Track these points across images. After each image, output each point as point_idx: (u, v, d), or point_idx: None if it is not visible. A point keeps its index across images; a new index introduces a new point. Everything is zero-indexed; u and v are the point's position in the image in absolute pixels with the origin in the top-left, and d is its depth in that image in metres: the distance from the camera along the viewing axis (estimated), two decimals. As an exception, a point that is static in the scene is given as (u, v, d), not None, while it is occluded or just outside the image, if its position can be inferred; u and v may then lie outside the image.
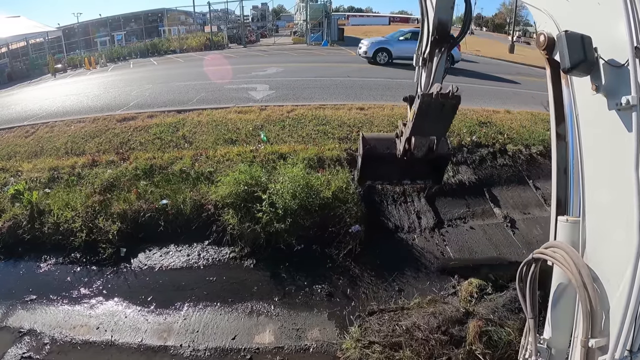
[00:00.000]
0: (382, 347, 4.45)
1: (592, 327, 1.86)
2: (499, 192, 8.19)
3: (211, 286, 5.75)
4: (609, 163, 1.87)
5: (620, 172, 1.77)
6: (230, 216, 6.38)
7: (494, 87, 15.02)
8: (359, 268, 6.08)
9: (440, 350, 4.46)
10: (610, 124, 1.80)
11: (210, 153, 8.24)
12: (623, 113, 1.75)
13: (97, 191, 7.47)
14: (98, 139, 9.67)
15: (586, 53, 1.82)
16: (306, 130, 9.37)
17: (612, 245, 1.85)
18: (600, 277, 1.89)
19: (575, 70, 1.88)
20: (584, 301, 1.88)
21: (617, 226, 1.81)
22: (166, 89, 14.28)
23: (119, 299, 5.60)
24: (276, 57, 24.29)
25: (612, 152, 1.84)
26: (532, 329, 2.33)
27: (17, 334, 5.20)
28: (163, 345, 4.79)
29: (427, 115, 3.87)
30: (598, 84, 1.86)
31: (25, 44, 30.36)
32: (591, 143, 1.97)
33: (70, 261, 6.50)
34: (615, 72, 1.79)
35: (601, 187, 1.93)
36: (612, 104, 1.79)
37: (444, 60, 4.14)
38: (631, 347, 1.74)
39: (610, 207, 1.88)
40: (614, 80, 1.80)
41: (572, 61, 1.83)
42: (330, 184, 6.97)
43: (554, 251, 2.13)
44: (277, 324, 5.11)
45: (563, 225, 2.22)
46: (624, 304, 1.72)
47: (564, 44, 1.85)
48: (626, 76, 1.74)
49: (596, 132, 1.93)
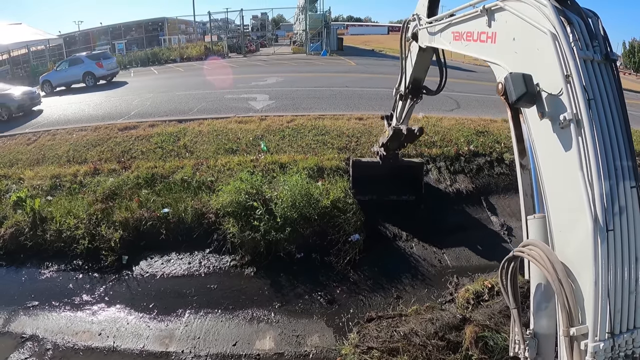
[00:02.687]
0: (380, 353, 4.55)
1: (571, 317, 2.03)
2: (496, 201, 8.29)
3: (212, 294, 5.85)
4: (561, 170, 2.21)
5: (570, 177, 2.12)
6: (231, 225, 6.50)
7: (491, 96, 15.19)
8: (357, 275, 6.19)
9: (438, 355, 4.55)
10: (557, 140, 2.21)
11: (211, 162, 8.37)
12: (565, 129, 2.16)
13: (99, 199, 7.58)
14: (100, 147, 9.79)
15: (527, 87, 2.26)
16: (306, 140, 9.50)
17: (575, 241, 2.11)
18: (572, 270, 2.12)
19: (521, 102, 2.32)
20: (560, 294, 2.07)
21: (576, 223, 2.09)
22: (167, 98, 14.44)
23: (121, 305, 5.70)
24: (276, 67, 24.51)
25: (562, 160, 2.20)
26: (517, 318, 2.53)
27: (19, 340, 5.29)
28: (165, 352, 4.88)
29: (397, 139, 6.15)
30: (542, 111, 2.29)
31: (27, 51, 30.52)
32: (546, 158, 2.36)
33: (72, 268, 6.60)
34: (554, 100, 2.21)
35: (558, 192, 2.27)
36: (556, 125, 2.21)
37: (413, 108, 5.81)
38: (612, 330, 1.94)
39: (568, 207, 2.18)
40: (554, 106, 2.21)
41: (517, 94, 2.28)
42: (329, 193, 7.08)
43: (530, 249, 2.35)
44: (277, 330, 5.20)
45: (532, 222, 2.64)
46: (594, 290, 1.95)
47: (510, 82, 2.32)
48: (562, 102, 2.16)
49: (549, 149, 2.31)
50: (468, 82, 16.96)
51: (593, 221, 1.97)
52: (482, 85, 16.96)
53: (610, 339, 1.94)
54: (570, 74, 2.12)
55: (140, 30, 41.32)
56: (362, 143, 9.49)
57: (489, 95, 14.96)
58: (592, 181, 2.02)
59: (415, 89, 5.25)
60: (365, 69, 23.44)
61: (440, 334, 4.85)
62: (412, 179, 7.79)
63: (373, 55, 33.55)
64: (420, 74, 5.11)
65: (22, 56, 30.96)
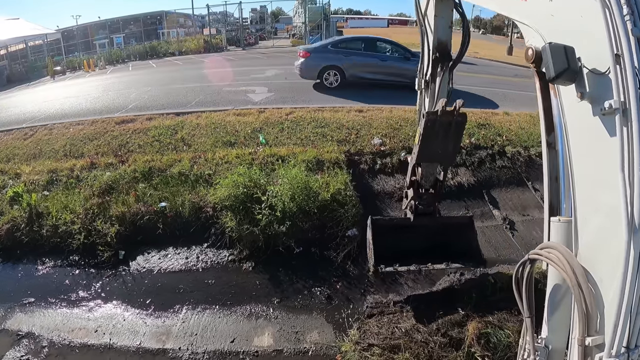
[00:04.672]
0: (381, 350, 4.44)
1: (588, 326, 1.89)
2: (498, 194, 8.22)
3: (210, 289, 5.74)
4: (596, 166, 1.94)
5: (607, 174, 1.84)
6: (229, 218, 6.38)
7: (492, 89, 15.05)
8: (357, 270, 6.06)
9: (440, 352, 4.45)
10: (596, 129, 1.90)
11: (209, 155, 8.24)
12: (607, 118, 1.85)
13: (96, 194, 7.47)
14: (97, 142, 9.66)
15: (569, 62, 1.92)
16: (305, 133, 9.37)
17: (604, 245, 1.91)
18: (594, 277, 1.94)
19: (560, 79, 1.99)
20: (579, 301, 1.92)
21: (607, 226, 1.87)
22: (165, 92, 14.28)
23: (117, 301, 5.60)
24: (275, 59, 24.26)
25: (599, 155, 1.92)
26: (530, 328, 2.36)
27: (15, 337, 5.20)
28: (162, 348, 4.78)
29: (434, 136, 3.76)
30: (582, 92, 1.96)
31: (25, 46, 30.33)
32: (579, 148, 2.05)
33: (68, 264, 6.50)
34: (598, 80, 1.89)
35: (591, 189, 2.00)
36: (597, 110, 1.89)
37: (447, 78, 4.10)
38: (628, 344, 1.78)
39: (600, 208, 1.94)
40: (598, 87, 1.90)
41: (556, 70, 1.94)
42: (329, 186, 6.96)
43: (549, 252, 2.18)
44: (276, 326, 5.10)
45: (556, 226, 2.31)
46: (618, 301, 1.76)
47: (548, 54, 1.96)
48: (608, 83, 1.83)
49: (584, 137, 2.01)
50: (468, 74, 16.75)
51: (629, 228, 1.72)
52: (482, 78, 16.82)
53: (626, 354, 1.78)
54: (622, 53, 1.79)
55: (139, 24, 41.08)
56: (362, 135, 9.39)
57: (489, 88, 14.87)
58: (633, 182, 1.74)
59: (443, 54, 4.25)
60: (364, 60, 23.19)
61: (442, 331, 4.78)
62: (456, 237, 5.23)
63: (373, 47, 33.15)
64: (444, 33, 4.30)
65: (20, 51, 30.76)
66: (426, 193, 4.53)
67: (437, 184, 4.43)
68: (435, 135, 3.80)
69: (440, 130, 3.77)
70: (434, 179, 4.34)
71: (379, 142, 9.11)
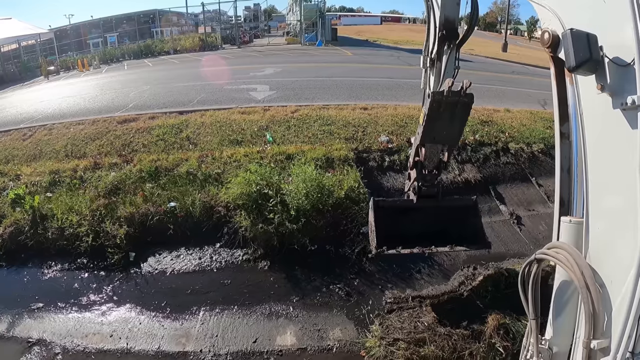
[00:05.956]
0: (406, 344, 4.52)
1: (595, 329, 1.84)
2: (504, 190, 8.32)
3: (226, 289, 5.66)
4: (613, 163, 1.83)
5: (624, 172, 1.73)
6: (242, 218, 6.28)
7: (491, 86, 15.14)
8: (373, 267, 6.04)
9: (463, 344, 4.56)
10: (615, 124, 1.77)
11: (216, 154, 8.11)
12: (628, 113, 1.71)
13: (102, 194, 7.31)
14: (99, 141, 9.47)
15: (592, 52, 1.77)
16: (312, 131, 9.27)
17: (616, 247, 1.82)
18: (603, 279, 1.86)
19: (581, 69, 1.84)
20: (586, 302, 1.86)
21: (621, 228, 1.77)
22: (165, 90, 14.08)
23: (131, 305, 5.47)
24: (272, 57, 24.12)
25: (616, 152, 1.80)
26: (534, 330, 2.32)
27: (25, 344, 5.04)
28: (182, 351, 4.69)
29: (439, 116, 3.63)
30: (603, 83, 1.81)
31: (17, 46, 29.80)
32: (595, 143, 1.93)
33: (76, 267, 6.34)
34: (621, 71, 1.74)
35: (605, 188, 1.89)
36: (617, 104, 1.75)
37: (453, 56, 3.96)
38: (633, 349, 1.73)
39: (614, 208, 1.84)
40: (620, 79, 1.75)
41: (578, 60, 1.79)
42: (342, 184, 6.88)
43: (557, 252, 2.11)
44: (298, 325, 5.07)
45: (566, 226, 2.20)
46: (627, 305, 1.70)
47: (569, 42, 1.81)
48: (632, 75, 1.69)
49: (601, 131, 1.89)
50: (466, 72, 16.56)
51: None
52: (479, 75, 16.79)
53: (630, 359, 1.74)
54: None
55: (132, 23, 40.67)
56: (368, 133, 9.36)
57: (487, 85, 14.95)
58: None
59: (450, 31, 3.97)
60: (362, 59, 23.21)
61: (463, 323, 4.90)
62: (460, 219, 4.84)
63: (368, 45, 33.24)
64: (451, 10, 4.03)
65: (13, 51, 30.22)
66: (429, 174, 4.28)
67: (440, 165, 4.21)
68: (441, 116, 3.64)
69: (445, 111, 3.61)
70: (437, 160, 4.11)
71: (386, 140, 9.03)
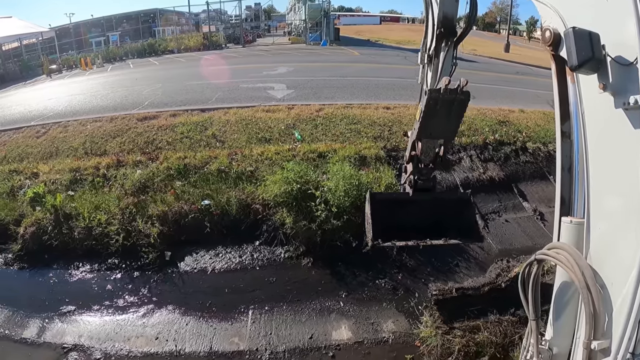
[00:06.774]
0: (462, 332, 4.68)
1: (595, 329, 1.84)
2: (525, 187, 8.53)
3: (272, 287, 5.49)
4: (615, 163, 1.81)
5: (626, 173, 1.71)
6: (284, 215, 6.08)
7: (500, 86, 15.23)
8: (413, 261, 6.00)
9: (512, 329, 4.76)
10: (617, 123, 1.74)
11: (246, 152, 7.88)
12: (630, 113, 1.68)
13: (129, 192, 7.05)
14: (120, 139, 9.19)
15: (594, 51, 1.73)
16: (339, 129, 9.11)
17: (617, 248, 1.81)
18: (604, 279, 1.86)
19: (583, 68, 1.80)
20: (587, 303, 1.85)
21: (622, 228, 1.76)
22: (179, 88, 13.82)
23: (173, 305, 5.22)
24: (280, 56, 23.92)
25: (618, 152, 1.78)
26: (534, 330, 2.31)
27: (60, 351, 4.77)
28: (237, 351, 4.53)
29: (435, 113, 3.63)
30: (605, 83, 1.78)
31: (19, 44, 29.34)
32: (597, 142, 1.91)
33: (107, 267, 6.08)
34: (623, 71, 1.71)
35: (607, 188, 1.87)
36: (619, 103, 1.72)
37: (451, 54, 3.94)
38: (633, 350, 1.72)
39: (615, 208, 1.82)
40: (622, 78, 1.72)
41: (580, 59, 1.75)
42: (379, 181, 6.70)
43: (557, 252, 2.09)
44: (351, 319, 5.00)
45: (567, 227, 2.18)
46: (628, 306, 1.69)
47: (571, 40, 1.77)
48: (634, 75, 1.65)
49: (602, 131, 1.86)
50: (472, 72, 16.60)
51: None
52: (485, 76, 16.77)
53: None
54: None
55: (132, 22, 40.44)
56: (394, 132, 9.26)
57: (495, 86, 14.96)
58: None
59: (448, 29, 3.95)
60: (369, 58, 23.14)
61: (511, 310, 5.07)
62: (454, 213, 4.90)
63: (371, 45, 33.23)
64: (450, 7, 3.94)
65: (13, 50, 29.77)
66: (425, 168, 4.30)
67: (436, 159, 4.20)
68: (437, 113, 3.66)
69: (442, 108, 3.63)
70: (433, 154, 4.11)
71: (414, 138, 8.89)
